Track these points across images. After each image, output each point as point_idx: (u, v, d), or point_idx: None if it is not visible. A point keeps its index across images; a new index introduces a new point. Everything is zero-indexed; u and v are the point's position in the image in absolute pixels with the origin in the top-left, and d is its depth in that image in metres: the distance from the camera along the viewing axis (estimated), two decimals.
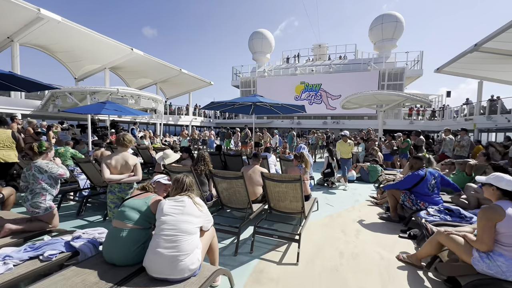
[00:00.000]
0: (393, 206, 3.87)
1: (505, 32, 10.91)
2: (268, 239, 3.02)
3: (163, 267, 1.71)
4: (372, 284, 2.24)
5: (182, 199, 1.91)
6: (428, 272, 2.40)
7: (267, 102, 5.32)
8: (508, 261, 1.80)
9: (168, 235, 1.75)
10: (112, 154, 2.66)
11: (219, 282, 2.16)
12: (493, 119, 14.84)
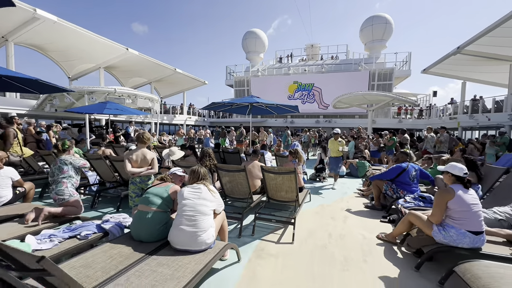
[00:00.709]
0: (377, 195, 4.37)
1: (485, 36, 11.67)
2: (267, 225, 3.45)
3: (185, 241, 2.11)
4: (355, 256, 2.69)
5: (199, 187, 2.32)
6: (401, 247, 2.88)
7: (263, 103, 5.75)
8: (458, 231, 2.28)
9: (188, 215, 2.16)
10: (133, 150, 3.03)
11: (228, 256, 2.57)
12: (475, 118, 15.64)
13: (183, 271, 1.83)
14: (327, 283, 2.22)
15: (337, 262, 2.58)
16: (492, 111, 14.63)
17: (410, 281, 2.26)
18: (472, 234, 2.25)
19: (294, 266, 2.49)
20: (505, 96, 13.67)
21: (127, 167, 2.90)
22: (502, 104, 14.00)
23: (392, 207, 4.04)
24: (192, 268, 1.88)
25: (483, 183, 3.91)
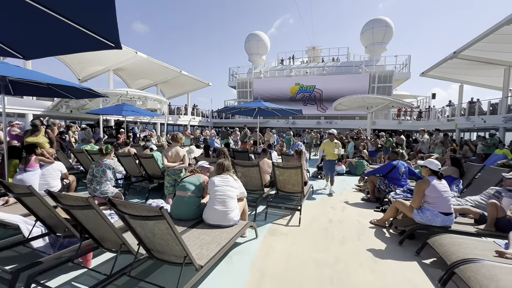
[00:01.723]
0: (371, 189, 4.95)
1: (480, 42, 12.24)
2: (277, 212, 4.05)
3: (218, 218, 2.71)
4: (350, 236, 3.28)
5: (226, 176, 2.92)
6: (389, 230, 3.47)
7: (270, 107, 6.35)
8: (432, 213, 2.87)
9: (219, 198, 2.75)
10: (168, 148, 3.63)
11: (247, 234, 3.17)
12: (471, 120, 16.13)
13: (219, 238, 2.42)
14: (328, 252, 2.81)
15: (336, 239, 3.17)
16: (488, 114, 15.13)
17: (394, 252, 2.85)
18: (443, 215, 2.84)
19: (301, 241, 3.08)
20: (499, 99, 14.19)
21: (164, 162, 3.51)
22: (497, 107, 14.53)
23: (384, 200, 4.62)
24: (225, 236, 2.47)
25: (465, 178, 4.50)
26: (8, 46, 1.96)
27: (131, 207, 1.68)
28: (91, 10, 1.43)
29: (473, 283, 1.87)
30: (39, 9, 1.44)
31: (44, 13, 1.48)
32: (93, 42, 1.69)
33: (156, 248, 1.94)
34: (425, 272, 2.45)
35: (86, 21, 1.50)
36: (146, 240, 1.91)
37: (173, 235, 1.68)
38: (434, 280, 2.30)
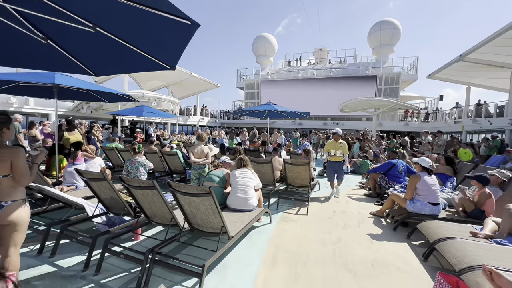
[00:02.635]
0: (373, 186, 5.43)
1: (486, 46, 12.47)
2: (287, 204, 4.59)
3: (239, 203, 3.27)
4: (352, 223, 3.79)
5: (246, 170, 3.47)
6: (386, 219, 3.96)
7: (280, 110, 6.88)
8: (422, 203, 3.36)
9: (241, 187, 3.31)
10: (194, 146, 4.23)
11: (262, 220, 3.71)
12: (478, 122, 16.26)
13: (242, 218, 2.98)
14: (331, 235, 3.33)
15: (339, 225, 3.68)
16: (494, 116, 15.25)
17: (388, 235, 3.35)
18: (431, 205, 3.33)
19: (309, 226, 3.61)
20: (505, 101, 14.33)
21: (191, 157, 4.10)
22: (503, 109, 14.65)
23: (384, 195, 5.09)
24: (247, 218, 3.02)
25: (458, 176, 4.94)
26: (84, 65, 2.55)
27: (185, 187, 2.25)
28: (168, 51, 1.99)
29: (447, 254, 2.37)
30: (121, 43, 2.02)
31: (123, 46, 2.06)
32: (154, 66, 2.26)
33: (197, 222, 2.51)
34: (413, 250, 2.95)
35: (160, 55, 2.07)
36: (190, 215, 2.48)
37: (215, 210, 2.24)
38: (419, 255, 2.80)
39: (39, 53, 2.27)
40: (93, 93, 4.97)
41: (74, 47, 2.23)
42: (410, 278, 2.39)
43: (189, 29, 1.56)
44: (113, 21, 1.74)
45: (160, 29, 1.65)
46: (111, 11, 1.58)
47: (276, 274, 2.37)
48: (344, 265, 2.57)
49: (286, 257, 2.71)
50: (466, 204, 3.31)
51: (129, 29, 1.81)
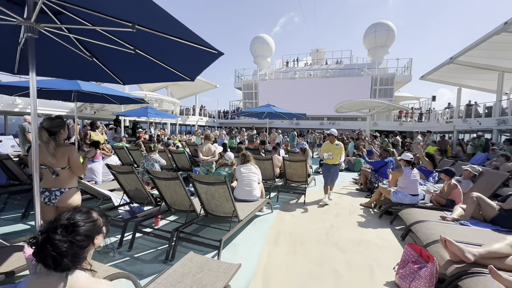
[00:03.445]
0: (364, 181, 5.95)
1: (474, 49, 13.07)
2: (286, 197, 5.07)
3: (245, 194, 3.74)
4: (343, 213, 4.28)
5: (249, 166, 3.95)
6: (374, 209, 4.46)
7: (278, 111, 7.37)
8: (403, 194, 3.87)
9: (246, 181, 3.79)
10: (202, 145, 4.69)
11: (264, 210, 4.19)
12: (468, 122, 16.92)
13: (248, 206, 3.46)
14: (325, 222, 3.82)
15: (332, 214, 4.18)
16: (483, 116, 15.91)
17: (374, 222, 3.85)
18: (411, 196, 3.85)
19: (305, 216, 4.10)
20: (493, 102, 14.99)
21: (199, 155, 4.57)
22: (491, 110, 15.31)
23: (374, 190, 5.60)
24: (252, 206, 3.50)
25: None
26: (117, 76, 3.00)
27: (203, 178, 2.72)
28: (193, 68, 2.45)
29: (419, 233, 2.88)
30: (154, 61, 2.47)
31: (155, 63, 2.51)
32: (177, 78, 2.71)
33: (211, 208, 2.98)
34: (394, 233, 3.46)
35: (185, 71, 2.53)
36: (206, 202, 2.95)
37: (228, 196, 2.72)
38: (398, 236, 3.30)
39: (83, 67, 2.73)
40: (108, 96, 5.40)
41: (112, 63, 2.69)
42: (388, 252, 2.89)
43: (214, 55, 2.04)
44: (152, 46, 2.21)
45: (192, 54, 2.11)
46: (153, 39, 2.03)
47: (278, 251, 2.86)
48: (335, 244, 3.06)
49: (286, 238, 3.20)
50: (438, 200, 3.83)
51: (165, 52, 2.27)
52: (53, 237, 0.87)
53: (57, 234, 0.88)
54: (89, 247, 0.96)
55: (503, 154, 5.63)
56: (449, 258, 2.21)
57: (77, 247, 0.91)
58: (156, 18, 1.72)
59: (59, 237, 0.88)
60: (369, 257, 2.79)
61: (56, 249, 0.86)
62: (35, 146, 1.83)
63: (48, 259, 0.86)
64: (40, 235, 0.89)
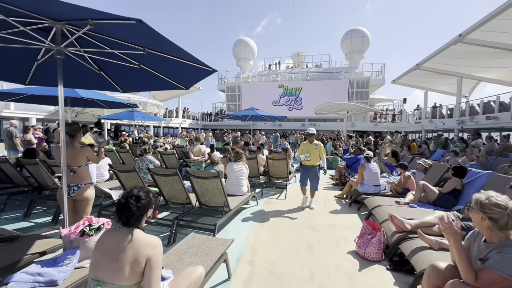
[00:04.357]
0: (339, 176, 6.67)
1: (436, 57, 14.46)
2: (270, 192, 5.63)
3: (234, 190, 4.24)
4: (319, 203, 4.90)
5: (240, 164, 4.44)
6: (346, 200, 5.14)
7: (262, 115, 7.94)
8: (367, 185, 4.57)
9: (235, 177, 4.28)
10: (193, 146, 5.11)
11: (250, 203, 4.71)
12: (434, 122, 18.52)
13: (237, 199, 3.96)
14: (303, 211, 4.41)
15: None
16: (446, 117, 17.55)
17: (345, 210, 4.51)
18: (374, 186, 4.55)
19: (287, 207, 4.67)
20: (454, 105, 16.63)
21: (190, 156, 4.99)
22: (453, 111, 16.95)
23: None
24: (240, 198, 4.01)
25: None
26: (118, 85, 3.37)
27: (200, 173, 3.19)
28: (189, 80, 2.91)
29: (377, 215, 3.54)
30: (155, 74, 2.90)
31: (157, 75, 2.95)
32: (173, 87, 3.16)
33: (205, 200, 3.45)
34: (359, 217, 4.12)
35: (181, 81, 2.98)
36: (200, 195, 3.42)
37: (220, 189, 3.21)
38: (362, 219, 3.97)
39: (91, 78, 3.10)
40: (100, 102, 5.66)
41: (116, 74, 3.08)
42: (353, 231, 3.51)
43: (208, 71, 2.53)
44: (155, 63, 2.65)
45: (189, 70, 2.59)
46: (157, 58, 2.48)
47: (262, 233, 3.39)
48: (310, 227, 3.66)
49: (269, 224, 3.75)
50: (396, 189, 4.57)
51: (166, 68, 2.72)
52: (130, 202, 1.33)
53: (132, 200, 1.34)
54: (145, 215, 1.43)
55: (453, 150, 6.59)
56: (394, 230, 2.86)
57: (139, 212, 1.37)
58: (161, 43, 2.19)
59: (133, 202, 1.34)
60: (337, 235, 3.41)
61: (129, 210, 1.32)
62: (64, 148, 2.22)
63: (124, 215, 1.32)
64: (122, 200, 1.36)
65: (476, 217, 1.53)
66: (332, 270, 2.55)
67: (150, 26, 1.65)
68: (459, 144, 8.68)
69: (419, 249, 2.35)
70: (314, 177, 4.54)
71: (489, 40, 10.48)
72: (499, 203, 1.46)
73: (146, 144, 7.52)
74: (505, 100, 12.57)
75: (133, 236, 1.31)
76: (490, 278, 1.40)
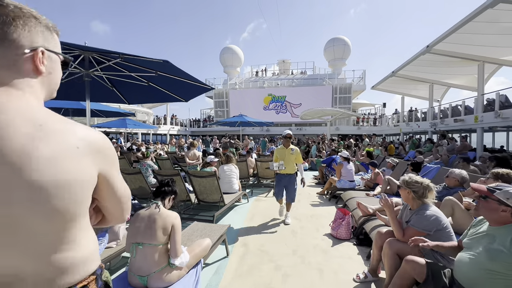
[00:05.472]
0: (321, 176, 7.35)
1: (410, 65, 15.68)
2: (259, 190, 6.20)
3: (227, 188, 4.77)
4: (302, 199, 5.52)
5: (230, 165, 4.99)
6: (327, 195, 5.79)
7: (250, 121, 8.54)
8: (344, 181, 5.24)
9: (227, 178, 4.82)
10: (188, 151, 5.61)
11: (241, 201, 5.25)
12: (410, 125, 19.82)
13: (230, 196, 4.49)
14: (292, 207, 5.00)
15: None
16: (421, 120, 18.88)
17: (324, 203, 5.15)
18: (349, 182, 5.23)
19: (273, 203, 5.22)
20: (427, 109, 17.99)
21: (186, 160, 5.49)
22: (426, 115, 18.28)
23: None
24: (233, 196, 4.54)
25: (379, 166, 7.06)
26: (125, 98, 3.86)
27: (199, 173, 3.71)
28: (189, 94, 3.46)
29: (349, 205, 4.19)
30: (161, 90, 3.43)
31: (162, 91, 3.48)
32: (174, 99, 3.69)
33: (203, 197, 3.97)
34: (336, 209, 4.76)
35: (182, 95, 3.51)
36: (199, 192, 3.94)
37: (217, 186, 3.74)
38: None
39: (102, 92, 3.57)
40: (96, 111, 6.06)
41: (125, 89, 3.58)
42: (329, 219, 4.13)
43: (206, 88, 3.11)
44: (162, 81, 3.19)
45: (190, 87, 3.15)
46: (164, 77, 3.02)
47: (253, 223, 3.95)
48: (294, 217, 4.26)
49: (259, 217, 4.31)
50: (368, 184, 5.29)
51: (171, 85, 3.26)
52: (165, 184, 1.89)
53: (167, 183, 1.90)
54: (169, 196, 1.97)
55: (418, 150, 7.47)
56: (361, 215, 3.50)
57: (169, 190, 1.92)
58: (170, 68, 2.74)
59: (167, 185, 1.90)
60: (317, 223, 4.02)
61: (165, 189, 1.87)
62: None
63: (160, 194, 1.87)
64: (163, 182, 1.91)
65: (403, 193, 2.19)
66: (310, 247, 3.14)
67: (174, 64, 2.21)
68: (428, 144, 9.66)
69: (376, 226, 3.00)
70: (290, 186, 3.96)
71: (453, 51, 11.70)
72: (418, 180, 2.13)
73: (139, 151, 7.93)
74: (470, 104, 13.87)
75: (160, 210, 1.85)
76: (411, 233, 2.04)
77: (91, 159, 0.64)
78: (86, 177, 0.64)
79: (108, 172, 0.70)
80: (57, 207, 0.58)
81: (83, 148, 0.63)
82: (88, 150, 0.64)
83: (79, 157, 0.62)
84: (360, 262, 2.82)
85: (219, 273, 2.52)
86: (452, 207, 2.67)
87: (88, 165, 0.64)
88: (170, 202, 2.01)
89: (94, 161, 0.65)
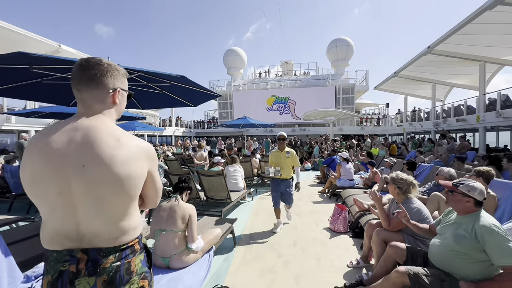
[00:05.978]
0: (323, 175, 7.63)
1: (411, 65, 15.83)
2: (263, 189, 6.51)
3: (232, 186, 5.10)
4: (304, 197, 5.81)
5: (235, 165, 5.32)
6: (327, 194, 6.07)
7: (254, 123, 8.87)
8: (344, 180, 5.52)
9: (232, 177, 5.15)
10: (195, 152, 5.96)
11: (246, 199, 5.57)
12: (413, 125, 19.89)
13: (236, 194, 4.81)
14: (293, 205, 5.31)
15: (296, 199, 5.69)
16: (424, 120, 18.96)
17: (325, 201, 5.44)
18: (349, 181, 5.51)
19: None
20: (429, 108, 18.08)
21: (194, 161, 5.84)
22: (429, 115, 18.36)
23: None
24: (238, 193, 4.87)
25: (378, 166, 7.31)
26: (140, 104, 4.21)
27: (207, 172, 4.05)
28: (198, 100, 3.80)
29: (347, 201, 4.48)
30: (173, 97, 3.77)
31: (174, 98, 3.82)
32: (184, 105, 4.03)
33: (211, 194, 4.30)
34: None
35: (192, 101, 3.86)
36: (207, 190, 4.27)
37: (224, 185, 4.07)
38: None
39: None
40: None
41: (140, 96, 3.93)
42: (329, 215, 4.42)
43: (213, 95, 3.44)
44: (175, 89, 3.53)
45: (200, 94, 3.48)
46: (176, 86, 3.36)
47: (258, 219, 4.27)
48: (296, 213, 4.57)
49: (263, 213, 4.62)
50: (367, 182, 5.56)
51: (183, 93, 3.60)
52: (183, 181, 2.22)
53: (184, 180, 2.23)
54: (186, 191, 2.30)
55: (418, 150, 7.69)
56: (357, 210, 3.79)
57: (186, 185, 2.25)
58: (183, 80, 3.08)
59: (184, 181, 2.23)
60: (317, 218, 4.32)
61: (183, 185, 2.21)
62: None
63: (179, 189, 2.20)
64: (181, 179, 2.24)
65: (391, 188, 2.48)
66: (310, 240, 3.45)
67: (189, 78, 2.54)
68: (428, 144, 9.84)
69: (370, 219, 3.28)
70: (286, 193, 3.78)
71: (454, 51, 11.84)
72: (403, 177, 2.42)
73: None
74: (472, 104, 13.95)
75: (179, 202, 2.18)
76: (396, 223, 2.33)
77: (145, 161, 0.97)
78: (143, 173, 0.96)
79: (153, 170, 1.03)
80: (126, 190, 0.90)
81: (141, 154, 0.95)
82: (144, 156, 0.96)
83: (139, 160, 0.94)
84: (355, 252, 3.11)
85: (228, 260, 2.84)
86: (438, 201, 2.96)
87: (144, 165, 0.96)
88: (187, 196, 2.33)
89: (147, 162, 0.98)
